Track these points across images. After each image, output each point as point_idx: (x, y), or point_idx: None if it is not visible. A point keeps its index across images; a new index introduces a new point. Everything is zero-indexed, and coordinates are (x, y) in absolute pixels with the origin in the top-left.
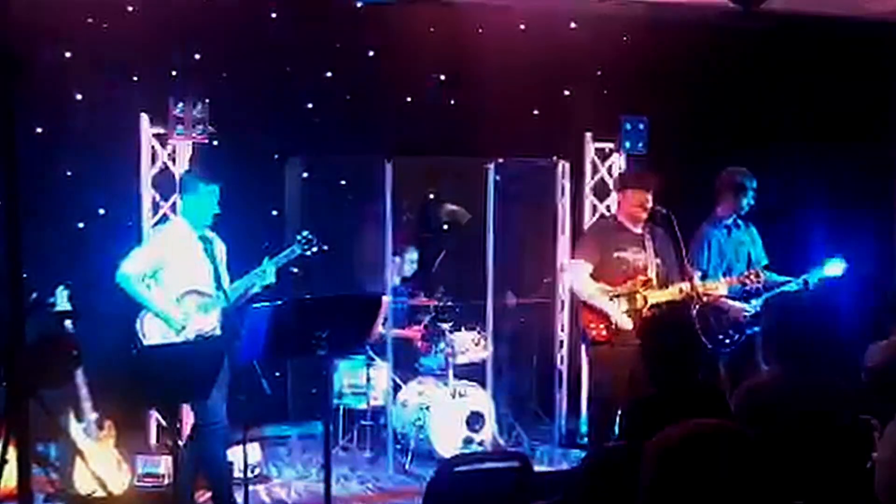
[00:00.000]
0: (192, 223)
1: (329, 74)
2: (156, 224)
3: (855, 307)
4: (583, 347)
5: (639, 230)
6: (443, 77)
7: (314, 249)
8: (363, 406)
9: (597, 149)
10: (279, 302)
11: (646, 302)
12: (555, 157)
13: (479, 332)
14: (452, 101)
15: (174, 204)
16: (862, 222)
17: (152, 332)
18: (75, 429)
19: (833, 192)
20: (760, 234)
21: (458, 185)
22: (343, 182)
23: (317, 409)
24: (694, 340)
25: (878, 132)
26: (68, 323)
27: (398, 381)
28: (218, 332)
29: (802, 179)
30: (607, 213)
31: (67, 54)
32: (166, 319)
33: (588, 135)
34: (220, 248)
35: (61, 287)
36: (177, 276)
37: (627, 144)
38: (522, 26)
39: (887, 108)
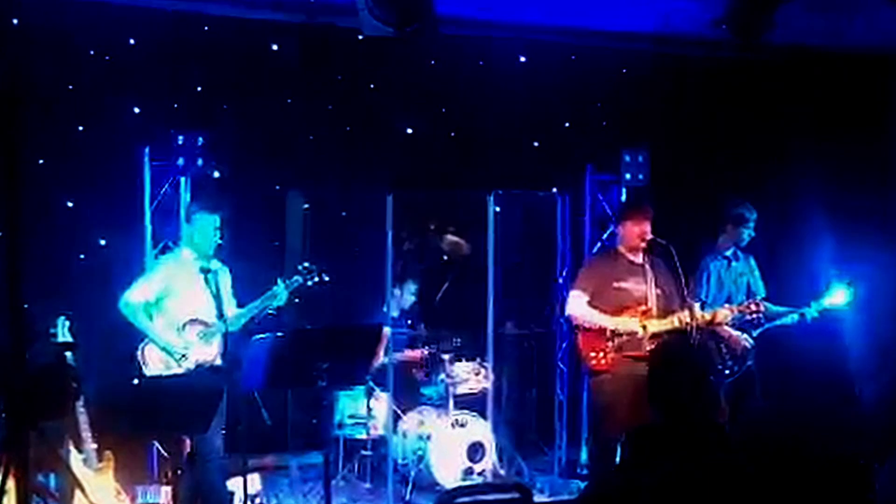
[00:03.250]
0: (196, 252)
1: (330, 107)
2: (157, 255)
3: (863, 334)
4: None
5: (639, 260)
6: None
7: (315, 280)
8: (363, 436)
9: (597, 180)
10: (280, 333)
11: (645, 331)
12: (555, 189)
13: (479, 363)
14: (453, 134)
15: (175, 235)
16: (867, 256)
17: (153, 361)
18: (75, 459)
19: (836, 221)
20: (764, 264)
21: (459, 217)
22: (344, 214)
23: (317, 438)
24: (705, 376)
25: (881, 167)
26: (69, 354)
27: (398, 411)
28: (218, 361)
29: (804, 210)
30: (608, 245)
31: (69, 86)
32: (167, 349)
33: (588, 166)
34: (226, 279)
35: (62, 318)
36: (181, 305)
37: (628, 176)
38: (523, 59)
39: (889, 142)
